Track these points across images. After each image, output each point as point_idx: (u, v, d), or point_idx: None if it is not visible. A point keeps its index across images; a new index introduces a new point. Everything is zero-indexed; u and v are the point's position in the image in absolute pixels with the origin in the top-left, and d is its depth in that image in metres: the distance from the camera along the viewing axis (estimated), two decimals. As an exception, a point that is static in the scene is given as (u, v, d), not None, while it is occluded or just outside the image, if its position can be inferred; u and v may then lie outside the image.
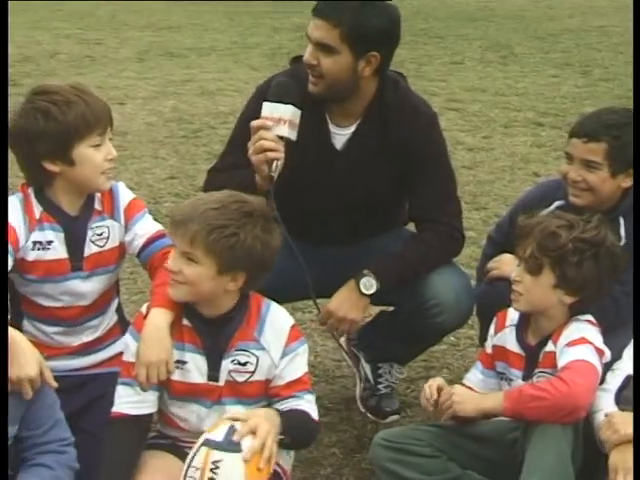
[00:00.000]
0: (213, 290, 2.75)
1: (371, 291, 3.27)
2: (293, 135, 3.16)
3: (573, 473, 2.76)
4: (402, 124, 3.31)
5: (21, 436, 2.70)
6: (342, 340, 3.75)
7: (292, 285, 3.22)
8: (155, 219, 3.02)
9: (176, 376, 2.81)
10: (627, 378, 2.89)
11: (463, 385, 3.06)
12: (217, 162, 3.51)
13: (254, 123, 3.16)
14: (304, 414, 2.79)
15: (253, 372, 2.80)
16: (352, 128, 3.34)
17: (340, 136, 3.36)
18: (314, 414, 2.81)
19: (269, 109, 3.15)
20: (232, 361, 2.79)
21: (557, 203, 3.32)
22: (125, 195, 3.12)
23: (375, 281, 3.27)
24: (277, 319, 2.83)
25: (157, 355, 2.76)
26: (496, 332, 3.08)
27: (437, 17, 13.84)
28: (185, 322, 2.81)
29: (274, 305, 2.87)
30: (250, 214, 2.73)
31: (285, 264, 3.02)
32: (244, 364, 2.79)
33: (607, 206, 3.25)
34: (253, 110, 3.29)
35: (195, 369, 2.81)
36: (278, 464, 2.81)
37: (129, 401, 2.78)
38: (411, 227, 3.59)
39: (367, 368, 3.65)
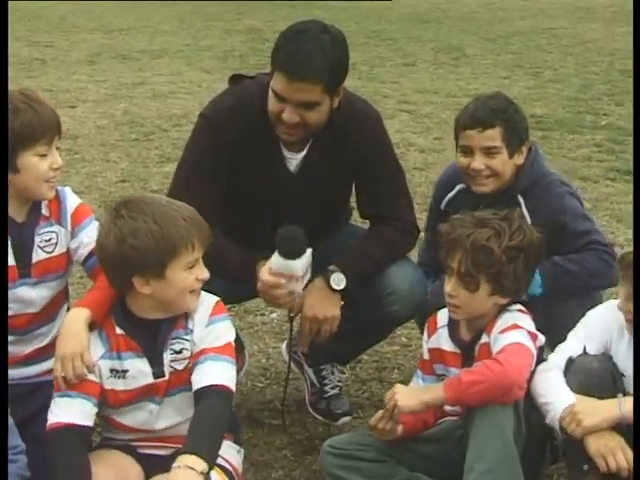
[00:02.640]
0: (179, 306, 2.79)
1: (341, 286, 3.27)
2: (306, 280, 3.17)
3: (517, 455, 2.79)
4: (349, 131, 3.33)
5: None
6: (283, 347, 3.79)
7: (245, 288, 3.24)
8: (105, 223, 3.03)
9: (119, 386, 2.80)
10: (569, 360, 2.91)
11: None
12: (179, 194, 3.20)
13: (267, 280, 3.12)
14: (215, 410, 2.71)
15: (190, 356, 2.80)
16: (304, 152, 3.35)
17: (293, 160, 3.37)
18: (227, 382, 2.73)
19: (280, 266, 3.09)
20: (170, 352, 2.80)
21: (459, 187, 3.48)
22: (72, 201, 3.10)
23: (343, 276, 3.28)
24: (204, 300, 2.83)
25: (72, 348, 2.75)
26: (429, 336, 3.11)
27: (389, 19, 13.91)
28: (118, 331, 2.80)
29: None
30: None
31: None
32: (179, 352, 2.79)
33: (506, 187, 3.38)
34: (205, 137, 3.31)
35: (139, 374, 2.80)
36: (229, 462, 2.81)
37: (65, 411, 2.75)
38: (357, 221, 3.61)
39: (310, 372, 3.66)
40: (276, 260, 3.09)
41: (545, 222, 3.16)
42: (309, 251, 3.10)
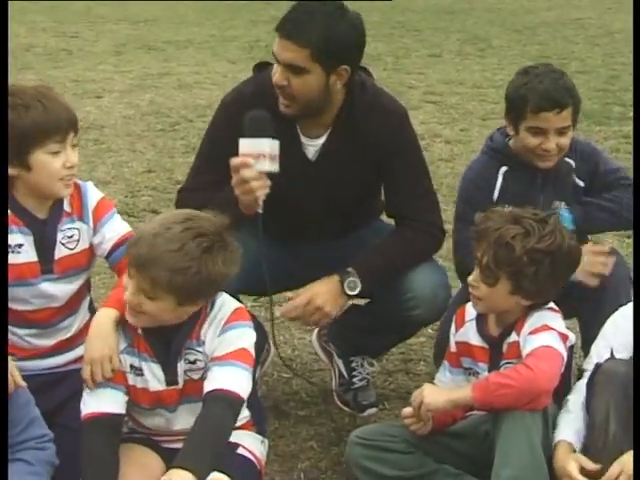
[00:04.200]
0: (174, 318, 2.75)
1: (354, 292, 3.28)
2: (275, 167, 3.15)
3: (545, 461, 2.78)
4: (372, 127, 3.31)
5: None
6: (314, 335, 3.77)
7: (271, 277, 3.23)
8: (132, 213, 3.02)
9: (138, 383, 2.81)
10: (596, 366, 2.89)
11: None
12: (188, 181, 3.44)
13: (234, 162, 3.13)
14: (215, 418, 2.68)
15: (204, 367, 2.79)
16: (323, 139, 3.34)
17: (311, 147, 3.35)
18: (236, 389, 2.71)
19: (247, 146, 3.12)
20: (185, 361, 2.79)
21: (503, 170, 3.44)
22: (94, 196, 3.08)
23: (359, 282, 3.27)
24: (221, 309, 2.82)
25: (100, 351, 2.76)
26: (457, 329, 3.09)
27: (414, 10, 13.84)
28: (140, 331, 2.80)
29: (221, 298, 2.83)
30: (210, 249, 2.68)
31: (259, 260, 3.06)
32: (194, 362, 2.79)
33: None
34: (221, 126, 3.31)
35: (152, 377, 2.80)
36: (252, 453, 2.82)
37: (98, 401, 2.77)
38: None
39: (340, 363, 3.65)
40: (242, 142, 3.11)
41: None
42: (276, 141, 3.11)
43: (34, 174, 2.92)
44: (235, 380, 2.72)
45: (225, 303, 2.83)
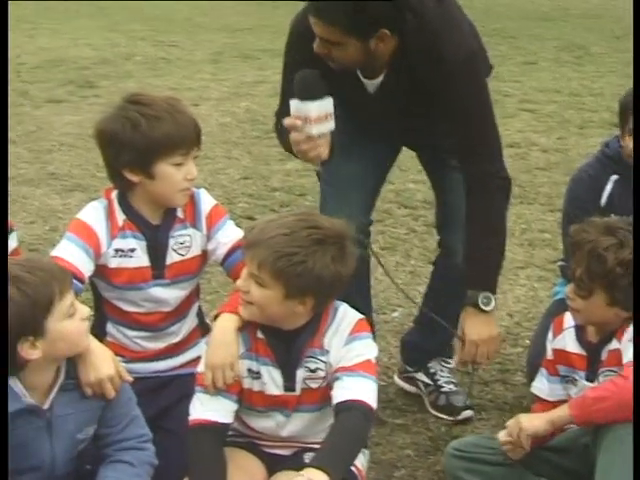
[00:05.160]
0: (281, 313, 2.75)
1: (491, 305, 3.28)
2: (326, 127, 3.10)
3: None
4: (425, 72, 3.23)
5: (99, 433, 2.74)
6: (395, 377, 3.83)
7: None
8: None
9: (255, 387, 2.83)
10: None
11: (532, 392, 3.09)
12: (278, 108, 3.42)
13: (285, 122, 3.13)
14: (351, 426, 2.69)
15: (324, 377, 2.81)
16: (380, 78, 3.32)
17: (371, 85, 3.34)
18: (369, 400, 2.72)
19: (295, 109, 3.09)
20: (305, 369, 2.81)
21: (614, 178, 3.42)
22: (207, 202, 3.12)
23: (489, 294, 3.28)
24: (343, 319, 2.83)
25: (222, 358, 2.78)
26: (555, 336, 3.06)
27: (510, 17, 13.72)
28: (259, 335, 2.82)
29: (342, 307, 2.86)
30: (321, 241, 2.69)
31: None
32: (314, 370, 2.80)
33: None
34: (291, 55, 3.33)
35: (270, 381, 2.82)
36: (354, 464, 2.81)
37: (207, 408, 2.79)
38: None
39: (422, 376, 3.71)
40: (293, 103, 3.08)
41: None
42: (328, 99, 3.05)
43: (156, 183, 2.97)
44: (366, 391, 2.73)
45: (347, 313, 2.84)
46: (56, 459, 2.67)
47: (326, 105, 3.07)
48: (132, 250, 3.04)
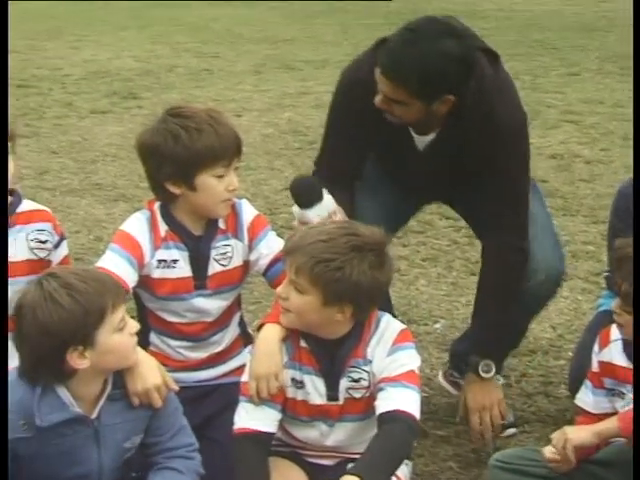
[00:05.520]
0: (320, 320, 2.76)
1: (491, 373, 3.34)
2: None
3: None
4: (479, 137, 3.28)
5: (147, 442, 2.76)
6: (440, 377, 3.84)
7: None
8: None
9: (298, 396, 2.84)
10: None
11: (575, 405, 3.06)
12: (318, 160, 3.49)
13: (293, 227, 3.11)
14: (395, 436, 2.69)
15: (368, 387, 2.81)
16: (431, 136, 3.35)
17: (421, 142, 3.37)
18: (413, 411, 2.72)
19: (297, 215, 3.07)
20: (348, 379, 2.81)
21: None
22: (248, 213, 3.13)
23: (490, 361, 3.33)
24: (387, 329, 2.83)
25: (267, 368, 2.78)
26: (600, 349, 3.03)
27: (552, 28, 13.65)
28: (302, 344, 2.83)
29: (386, 317, 2.87)
30: (359, 248, 2.70)
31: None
32: (357, 380, 2.81)
33: None
34: (340, 105, 3.37)
35: (313, 390, 2.83)
36: (396, 475, 2.81)
37: (252, 417, 2.80)
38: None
39: None
40: (294, 209, 3.09)
41: None
42: (327, 198, 3.03)
43: (198, 195, 2.99)
44: (410, 402, 2.73)
45: (390, 323, 2.86)
46: (103, 468, 2.69)
47: (326, 206, 3.05)
48: (175, 261, 3.06)
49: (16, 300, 2.57)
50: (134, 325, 2.68)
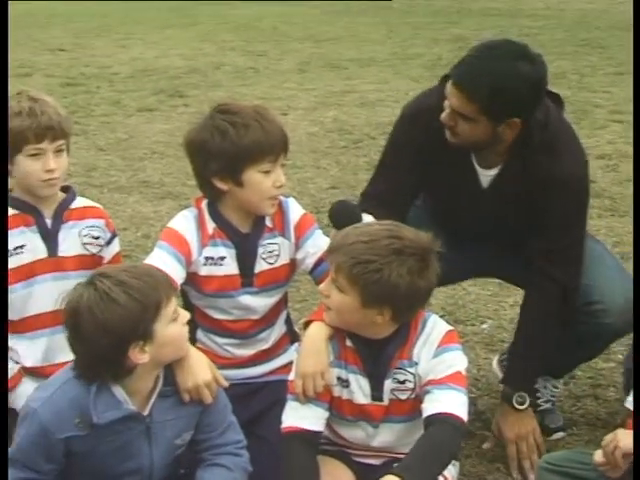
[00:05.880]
0: (359, 321, 2.75)
1: (525, 405, 3.31)
2: None
3: None
4: (541, 167, 3.23)
5: (197, 439, 2.77)
6: (494, 361, 3.80)
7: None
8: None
9: (344, 395, 2.84)
10: None
11: (624, 407, 2.99)
12: (368, 187, 3.47)
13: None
14: (439, 440, 2.68)
15: (413, 389, 2.81)
16: (496, 169, 3.31)
17: (485, 177, 3.33)
18: (460, 413, 2.71)
19: None
20: (393, 380, 2.81)
21: None
22: (295, 211, 3.14)
23: (525, 394, 3.31)
24: (433, 330, 2.82)
25: (313, 367, 2.78)
26: None
27: (600, 27, 13.54)
28: (348, 343, 2.83)
29: (432, 318, 2.86)
30: (400, 252, 2.68)
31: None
32: (403, 382, 2.80)
33: None
34: (401, 135, 3.34)
35: (358, 390, 2.82)
36: (443, 475, 2.80)
37: (300, 415, 2.80)
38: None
39: None
40: (332, 234, 3.05)
41: None
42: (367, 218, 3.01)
43: (245, 191, 3.00)
44: (457, 404, 2.72)
45: (437, 324, 2.84)
46: (154, 464, 2.71)
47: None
48: (222, 258, 3.07)
49: (67, 301, 2.58)
50: (186, 315, 2.71)
